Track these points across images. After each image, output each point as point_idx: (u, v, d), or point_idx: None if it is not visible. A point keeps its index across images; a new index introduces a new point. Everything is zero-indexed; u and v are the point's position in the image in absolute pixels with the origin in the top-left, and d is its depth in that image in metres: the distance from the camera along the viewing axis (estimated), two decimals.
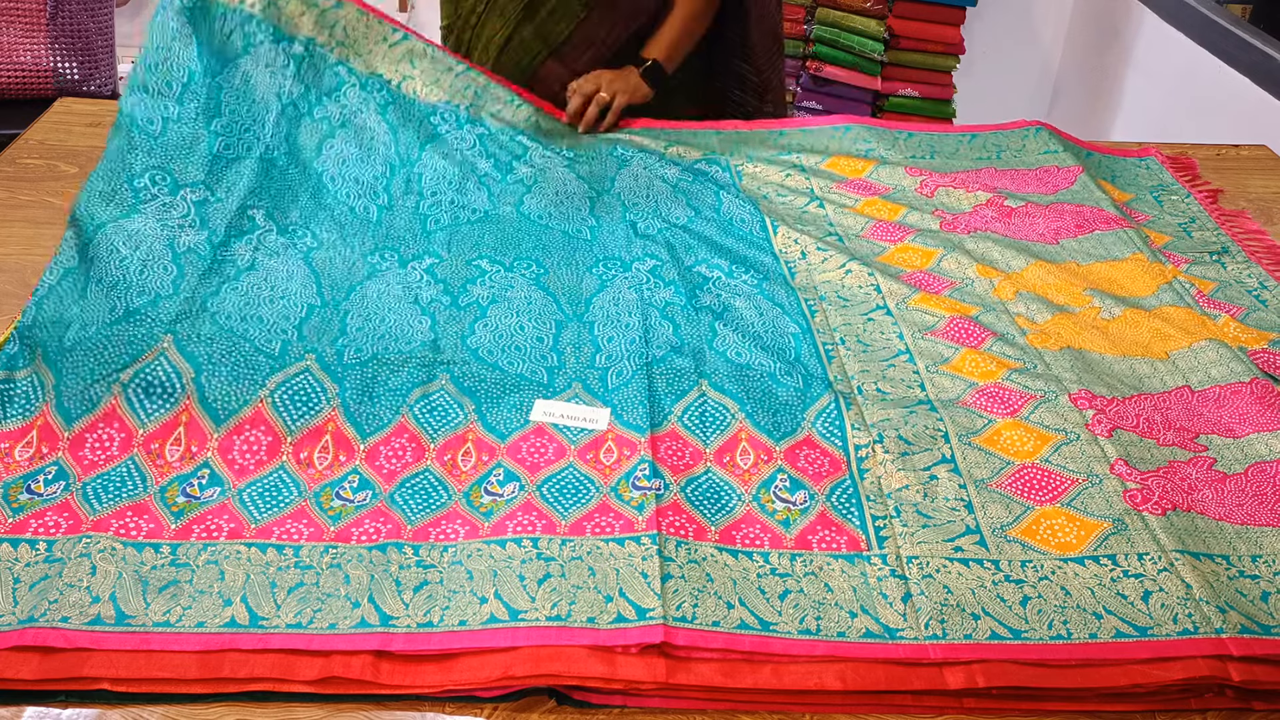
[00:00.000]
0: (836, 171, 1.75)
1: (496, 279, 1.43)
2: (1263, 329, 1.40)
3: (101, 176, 1.39)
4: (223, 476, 1.09)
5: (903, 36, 3.26)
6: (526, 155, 1.69)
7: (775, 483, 1.13)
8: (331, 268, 1.39)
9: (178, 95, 1.47)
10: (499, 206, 1.58)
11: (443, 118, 1.68)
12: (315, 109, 1.59)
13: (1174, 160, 1.86)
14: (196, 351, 1.19)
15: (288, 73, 1.59)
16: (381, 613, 0.96)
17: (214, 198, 1.40)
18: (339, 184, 1.52)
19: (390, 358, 1.25)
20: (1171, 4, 2.82)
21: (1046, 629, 0.98)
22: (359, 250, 1.43)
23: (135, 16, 3.39)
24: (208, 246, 1.34)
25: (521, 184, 1.64)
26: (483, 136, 1.69)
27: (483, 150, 1.67)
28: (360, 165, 1.56)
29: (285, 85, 1.58)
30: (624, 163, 1.72)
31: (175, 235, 1.34)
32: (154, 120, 1.44)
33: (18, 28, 2.43)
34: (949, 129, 1.91)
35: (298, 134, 1.55)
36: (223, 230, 1.37)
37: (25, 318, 1.21)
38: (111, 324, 1.20)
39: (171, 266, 1.29)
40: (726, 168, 1.74)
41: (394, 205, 1.53)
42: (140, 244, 1.31)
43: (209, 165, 1.44)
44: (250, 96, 1.54)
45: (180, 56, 1.49)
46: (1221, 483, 1.15)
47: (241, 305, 1.28)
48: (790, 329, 1.36)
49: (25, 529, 1.01)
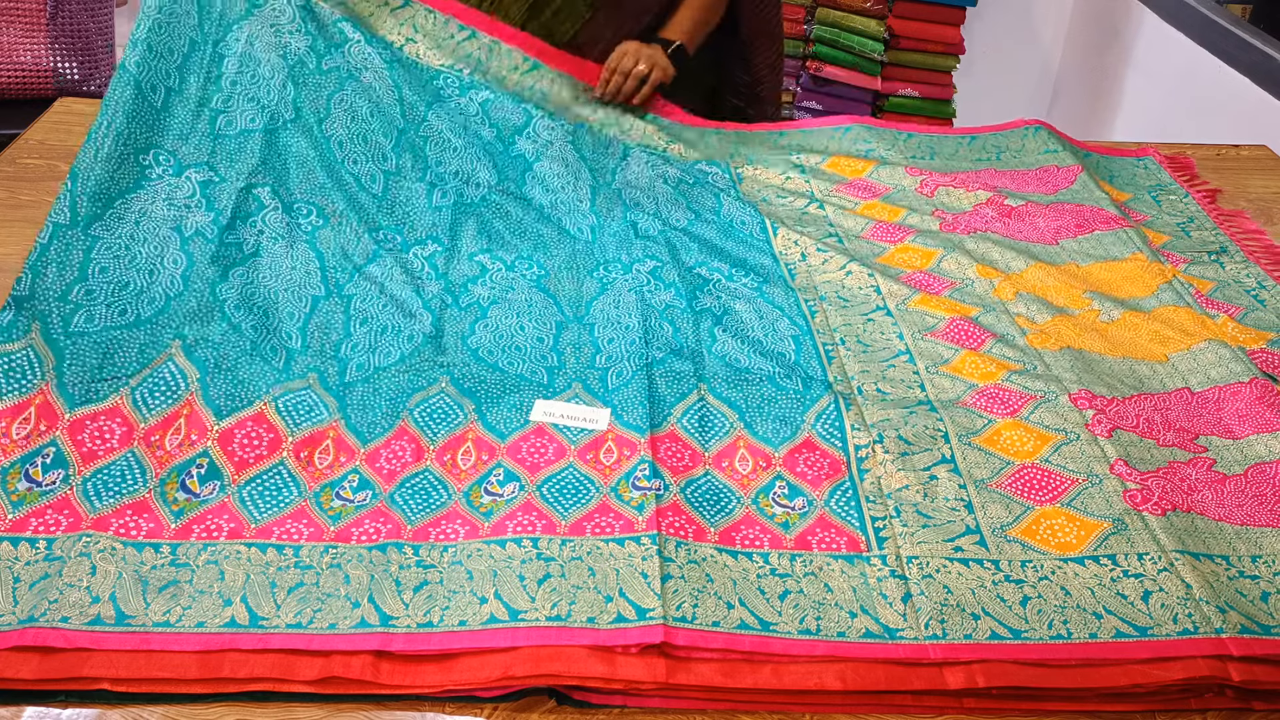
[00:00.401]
0: (837, 173, 1.75)
1: (498, 279, 1.42)
2: (1261, 329, 1.40)
3: (108, 136, 1.34)
4: (222, 468, 1.09)
5: (903, 36, 3.26)
6: (530, 125, 1.67)
7: (774, 489, 1.13)
8: (336, 248, 1.38)
9: (179, 63, 1.44)
10: (503, 182, 1.58)
11: (446, 82, 1.66)
12: (324, 59, 1.56)
13: (1172, 160, 1.86)
14: (203, 356, 1.20)
15: (293, 28, 1.55)
16: (381, 613, 0.96)
17: (219, 177, 1.38)
18: (346, 148, 1.50)
19: (391, 366, 1.25)
20: (1171, 4, 2.82)
21: (1046, 629, 0.98)
22: (364, 225, 1.42)
23: (135, 16, 3.38)
24: (215, 229, 1.33)
25: (523, 159, 1.62)
26: (486, 103, 1.67)
27: (485, 118, 1.65)
28: (368, 122, 1.53)
29: (291, 43, 1.54)
30: (626, 152, 1.71)
31: (182, 217, 1.32)
32: (156, 88, 1.40)
33: (18, 28, 2.43)
34: (949, 131, 1.92)
35: (304, 95, 1.52)
36: (229, 212, 1.36)
37: (21, 286, 1.20)
38: (121, 328, 1.20)
39: (180, 256, 1.28)
40: (726, 170, 1.74)
41: (400, 172, 1.52)
42: (149, 236, 1.29)
43: (213, 144, 1.41)
44: (254, 60, 1.50)
45: (182, 24, 1.47)
46: (1221, 483, 1.15)
47: (247, 300, 1.28)
48: (790, 331, 1.36)
49: (25, 527, 1.01)
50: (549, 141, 1.65)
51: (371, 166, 1.51)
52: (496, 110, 1.66)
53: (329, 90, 1.54)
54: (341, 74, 1.56)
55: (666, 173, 1.69)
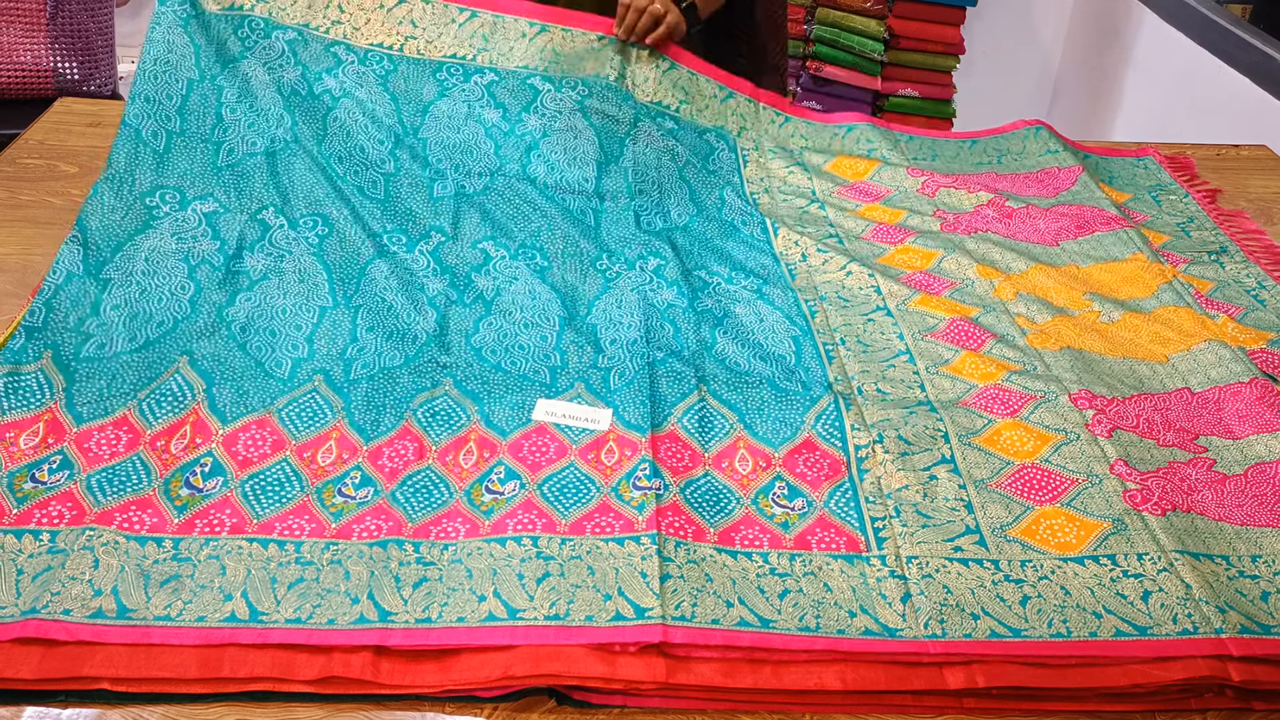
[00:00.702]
0: (839, 174, 1.76)
1: (501, 267, 1.43)
2: (1261, 329, 1.41)
3: (111, 189, 1.40)
4: (225, 466, 1.10)
5: (903, 36, 3.26)
6: (538, 100, 1.67)
7: (774, 489, 1.13)
8: (342, 259, 1.39)
9: (178, 106, 1.48)
10: (505, 164, 1.58)
11: (449, 72, 1.67)
12: (315, 84, 1.59)
13: (1171, 160, 1.86)
14: (210, 370, 1.21)
15: (285, 61, 1.58)
16: (380, 609, 0.96)
17: (223, 207, 1.41)
18: (346, 163, 1.52)
19: (396, 367, 1.25)
20: (1171, 4, 2.82)
21: (1046, 629, 0.98)
22: (367, 230, 1.43)
23: (135, 16, 3.39)
24: (221, 257, 1.35)
25: (530, 136, 1.63)
26: (491, 84, 1.67)
27: (490, 99, 1.65)
28: (364, 134, 1.55)
29: (284, 75, 1.58)
30: (636, 121, 1.71)
31: (190, 248, 1.34)
32: (158, 134, 1.45)
33: (18, 28, 2.43)
34: (949, 134, 1.92)
35: (300, 119, 1.55)
36: (235, 239, 1.38)
37: (34, 317, 1.23)
38: (130, 352, 1.22)
39: (188, 284, 1.30)
40: (733, 149, 1.74)
41: (400, 172, 1.53)
42: (159, 270, 1.32)
43: (215, 175, 1.44)
44: (251, 95, 1.55)
45: (179, 68, 1.51)
46: (1221, 484, 1.15)
47: (254, 319, 1.29)
48: (790, 333, 1.36)
49: (29, 519, 1.02)
50: (557, 113, 1.65)
51: (372, 174, 1.52)
52: (502, 91, 1.67)
53: (324, 112, 1.57)
54: (335, 95, 1.58)
55: (675, 149, 1.69)
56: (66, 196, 1.59)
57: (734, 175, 1.69)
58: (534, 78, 1.69)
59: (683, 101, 1.77)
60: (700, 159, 1.70)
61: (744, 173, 1.71)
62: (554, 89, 1.68)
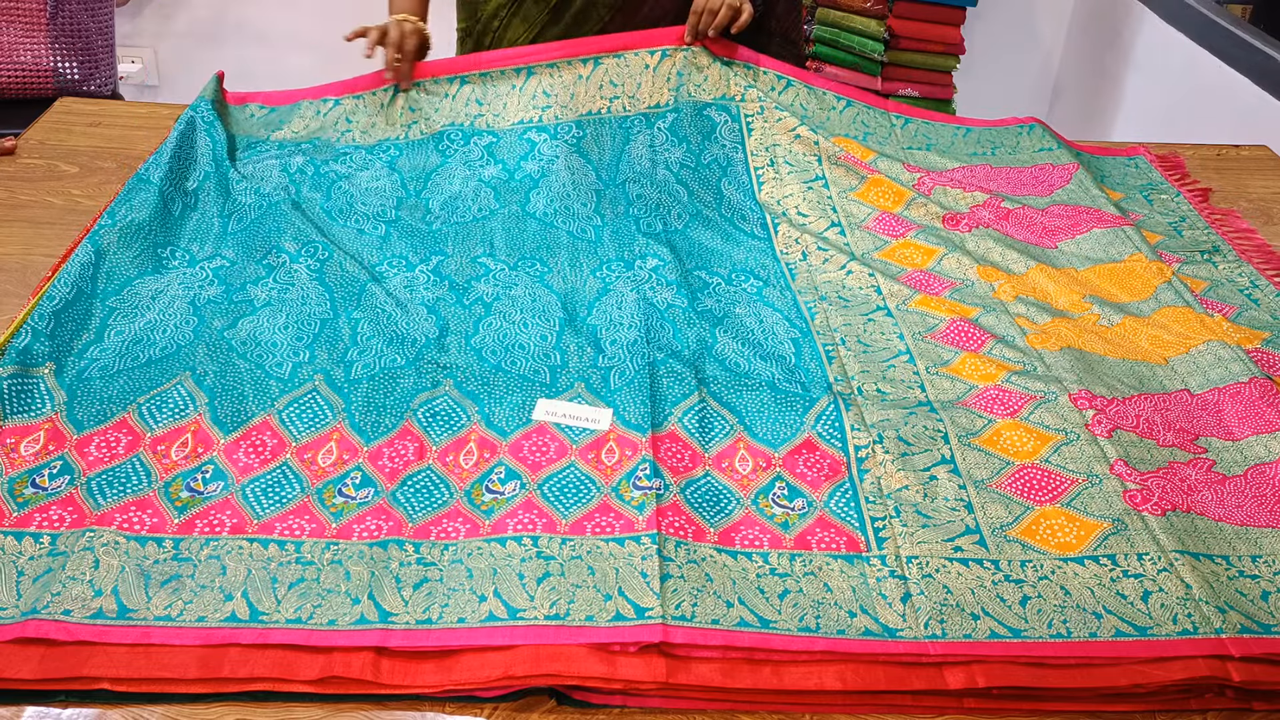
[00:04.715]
0: (842, 146, 1.75)
1: (501, 276, 1.44)
2: (1255, 328, 1.40)
3: (125, 230, 1.42)
4: (226, 472, 1.10)
5: (903, 36, 3.25)
6: (534, 150, 1.71)
7: (774, 490, 1.13)
8: (341, 277, 1.41)
9: (194, 189, 1.56)
10: (505, 205, 1.61)
11: (449, 139, 1.72)
12: (322, 167, 1.65)
13: (1162, 159, 1.86)
14: (212, 385, 1.21)
15: (293, 159, 1.65)
16: (381, 609, 0.96)
17: (230, 263, 1.44)
18: (349, 216, 1.57)
19: (396, 368, 1.26)
20: (1171, 4, 2.82)
21: (1046, 629, 0.98)
22: (368, 262, 1.46)
23: (135, 16, 3.39)
24: (225, 299, 1.37)
25: (529, 179, 1.66)
26: (490, 145, 1.72)
27: (490, 158, 1.70)
28: (366, 201, 1.60)
29: (293, 160, 1.65)
30: (628, 136, 1.73)
31: (196, 293, 1.37)
32: (174, 202, 1.52)
33: (18, 28, 2.43)
34: (945, 119, 1.90)
35: (307, 189, 1.60)
36: (240, 282, 1.40)
37: (39, 321, 1.24)
38: (131, 368, 1.23)
39: (193, 318, 1.32)
40: (736, 116, 1.75)
41: (400, 220, 1.57)
42: (163, 305, 1.34)
43: (222, 238, 1.49)
44: (258, 178, 1.60)
45: (200, 160, 1.60)
46: (1221, 484, 1.15)
47: (255, 334, 1.30)
48: (790, 334, 1.37)
49: (29, 522, 1.02)
50: (554, 156, 1.69)
51: (373, 222, 1.56)
52: (501, 148, 1.71)
53: (328, 184, 1.62)
54: (340, 174, 1.64)
55: (669, 158, 1.70)
56: (66, 196, 1.59)
57: (737, 150, 1.70)
58: (530, 131, 1.73)
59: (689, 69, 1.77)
60: (696, 156, 1.70)
61: (748, 145, 1.71)
62: (549, 138, 1.72)
